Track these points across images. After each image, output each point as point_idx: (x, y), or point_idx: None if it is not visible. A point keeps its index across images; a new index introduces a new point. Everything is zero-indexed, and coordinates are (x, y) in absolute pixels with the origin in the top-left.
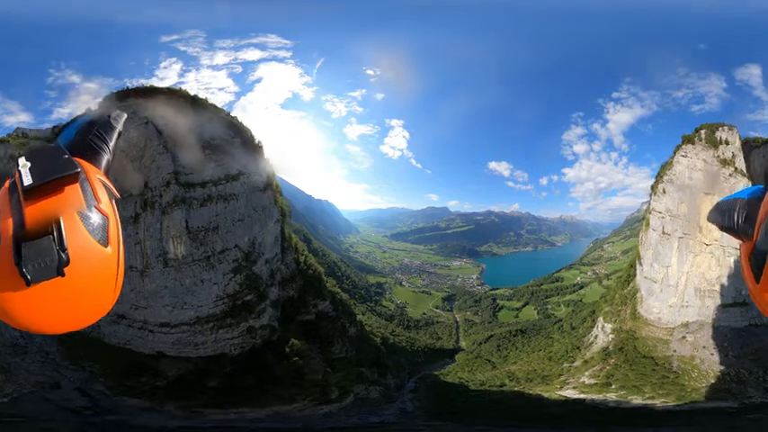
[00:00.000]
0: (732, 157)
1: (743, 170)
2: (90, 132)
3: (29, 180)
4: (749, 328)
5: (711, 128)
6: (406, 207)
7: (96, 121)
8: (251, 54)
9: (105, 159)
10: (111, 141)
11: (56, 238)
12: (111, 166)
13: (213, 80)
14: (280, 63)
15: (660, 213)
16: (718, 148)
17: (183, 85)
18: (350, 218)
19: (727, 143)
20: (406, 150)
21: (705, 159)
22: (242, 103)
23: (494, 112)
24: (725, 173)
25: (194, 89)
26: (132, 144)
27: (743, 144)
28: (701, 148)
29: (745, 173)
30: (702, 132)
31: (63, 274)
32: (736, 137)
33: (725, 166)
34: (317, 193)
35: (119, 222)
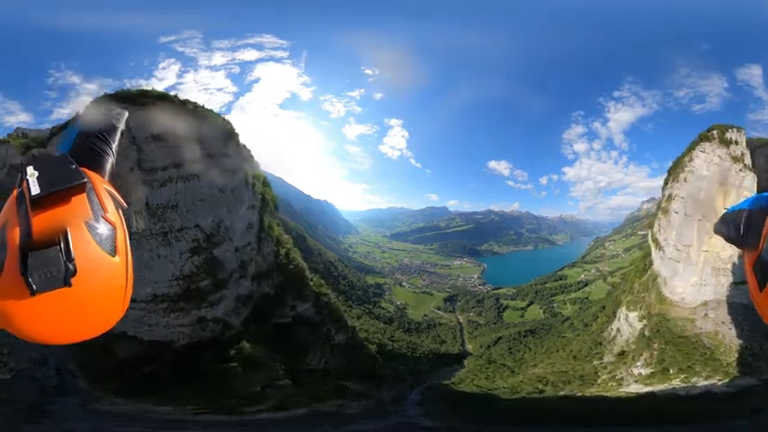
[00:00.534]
0: (741, 155)
1: (749, 166)
2: (90, 137)
3: (36, 190)
4: None
5: (722, 128)
6: (406, 207)
7: (95, 127)
8: (248, 54)
9: (110, 163)
10: (114, 142)
11: (63, 248)
12: (114, 167)
13: (212, 81)
14: (277, 63)
15: (683, 198)
16: (729, 147)
17: (182, 86)
18: (349, 218)
19: (736, 143)
20: (405, 150)
21: (720, 156)
22: (240, 103)
23: (494, 111)
24: (735, 168)
25: (193, 90)
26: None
27: (747, 143)
28: (716, 146)
29: (751, 168)
30: (715, 132)
31: (69, 285)
32: (743, 138)
33: (735, 162)
34: (316, 194)
35: (126, 232)
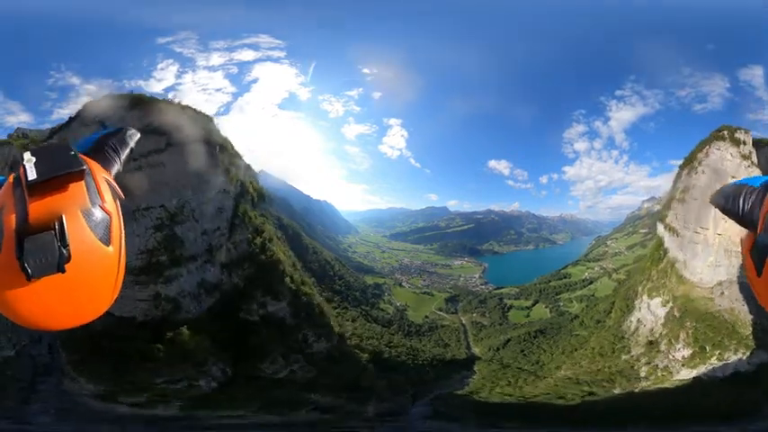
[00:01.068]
0: (749, 153)
1: (756, 164)
2: (106, 143)
3: (33, 175)
4: None
5: (731, 129)
6: (406, 207)
7: (113, 134)
8: (245, 54)
9: (115, 168)
10: (123, 155)
11: (58, 234)
12: (120, 178)
13: (210, 81)
14: (274, 63)
15: (701, 187)
16: (739, 146)
17: (181, 86)
18: (349, 218)
19: (744, 143)
20: (404, 150)
21: (731, 153)
22: (239, 103)
23: (494, 110)
24: (745, 164)
25: (192, 90)
26: None
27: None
28: (728, 144)
29: (758, 166)
30: (725, 132)
31: (63, 271)
32: (750, 138)
33: (744, 159)
34: (315, 194)
35: (122, 223)
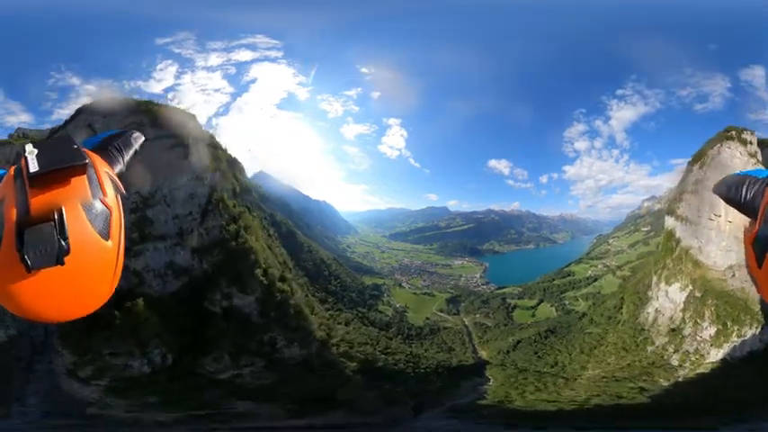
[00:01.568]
0: (755, 152)
1: (761, 162)
2: (110, 143)
3: (35, 167)
4: None
5: (738, 130)
6: (405, 207)
7: (118, 135)
8: (243, 55)
9: (118, 168)
10: (127, 156)
11: (57, 226)
12: (123, 177)
13: (208, 82)
14: (272, 63)
15: (716, 179)
16: (746, 145)
17: (180, 87)
18: (348, 219)
19: (750, 143)
20: (404, 150)
21: (740, 152)
22: (238, 104)
23: (494, 110)
24: (752, 161)
25: (191, 91)
26: None
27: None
28: (738, 143)
29: (763, 164)
30: (733, 132)
31: (63, 263)
32: (755, 138)
33: (751, 157)
34: (314, 194)
35: (122, 218)
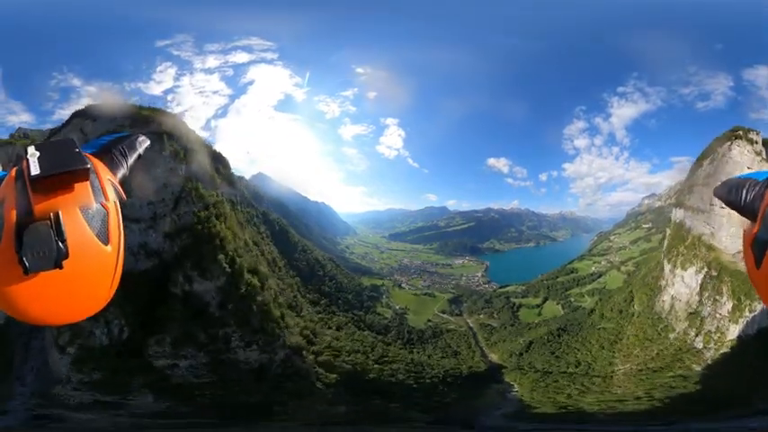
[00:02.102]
0: (761, 151)
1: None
2: (115, 146)
3: (36, 170)
4: None
5: (744, 130)
6: (404, 208)
7: (123, 139)
8: (239, 57)
9: (121, 173)
10: (131, 160)
11: (54, 228)
12: (125, 180)
13: (207, 84)
14: (268, 65)
15: (727, 172)
16: (753, 144)
17: (179, 89)
18: (348, 220)
19: (756, 142)
20: (402, 150)
21: (747, 150)
22: (236, 106)
23: (493, 108)
24: (757, 159)
25: (190, 93)
26: None
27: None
28: (745, 143)
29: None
30: (740, 132)
31: (61, 267)
32: (760, 138)
33: (757, 155)
34: (312, 196)
35: (121, 223)
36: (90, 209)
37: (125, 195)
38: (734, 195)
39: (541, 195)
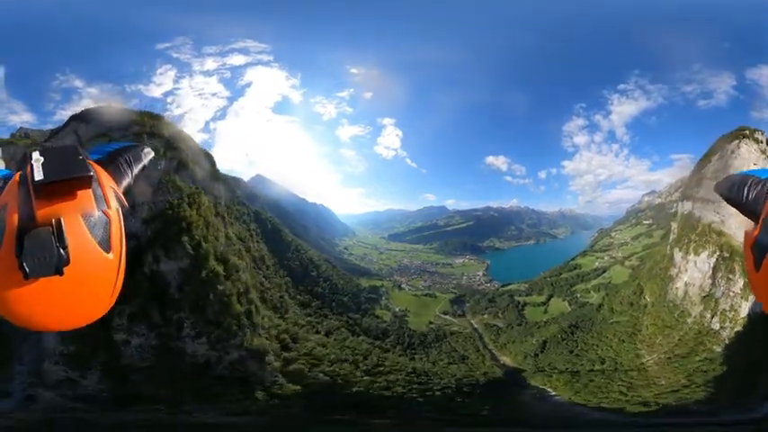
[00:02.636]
0: (765, 149)
1: None
2: (120, 155)
3: (40, 176)
4: None
5: (750, 130)
6: (403, 208)
7: (129, 149)
8: (236, 59)
9: (126, 181)
10: (136, 170)
11: (56, 234)
12: (130, 191)
13: (206, 86)
14: (265, 67)
15: (737, 167)
16: (758, 144)
17: (179, 91)
18: (346, 221)
19: (761, 142)
20: (399, 150)
21: (754, 149)
22: (235, 108)
23: (491, 105)
24: (762, 157)
25: (189, 95)
26: None
27: None
28: (752, 141)
29: None
30: (747, 131)
31: (61, 273)
32: (764, 137)
33: (762, 153)
34: (311, 197)
35: (123, 231)
36: (92, 216)
37: (126, 204)
38: (735, 193)
39: (541, 193)
